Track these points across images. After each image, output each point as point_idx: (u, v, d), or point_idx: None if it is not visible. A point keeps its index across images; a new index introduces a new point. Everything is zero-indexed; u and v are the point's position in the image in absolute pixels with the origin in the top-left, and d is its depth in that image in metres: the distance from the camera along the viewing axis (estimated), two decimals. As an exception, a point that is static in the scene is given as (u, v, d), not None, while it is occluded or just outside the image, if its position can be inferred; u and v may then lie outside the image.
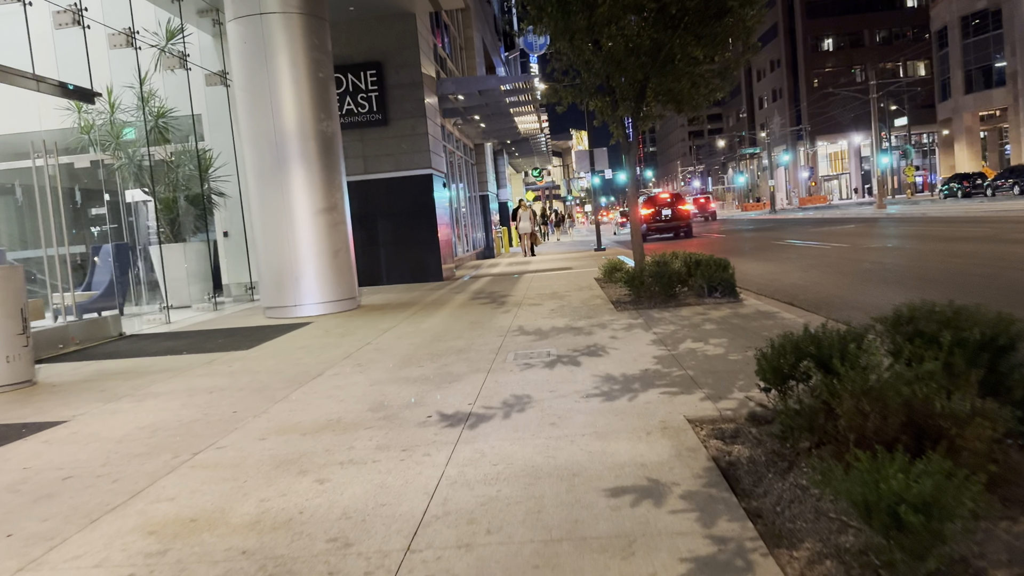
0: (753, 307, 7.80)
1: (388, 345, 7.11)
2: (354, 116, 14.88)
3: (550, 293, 10.85)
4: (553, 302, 9.65)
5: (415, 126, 14.97)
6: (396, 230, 15.16)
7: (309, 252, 10.24)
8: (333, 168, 10.49)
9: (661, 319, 7.39)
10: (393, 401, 4.76)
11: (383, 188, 15.11)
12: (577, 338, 6.64)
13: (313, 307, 10.26)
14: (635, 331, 6.79)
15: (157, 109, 13.07)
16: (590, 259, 18.72)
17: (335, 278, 10.42)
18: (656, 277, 8.38)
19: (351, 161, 15.09)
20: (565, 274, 14.40)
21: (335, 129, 10.62)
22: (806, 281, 10.88)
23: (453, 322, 8.43)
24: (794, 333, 3.36)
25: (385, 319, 9.23)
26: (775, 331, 6.19)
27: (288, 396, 5.17)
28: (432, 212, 15.13)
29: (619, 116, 10.05)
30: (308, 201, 10.23)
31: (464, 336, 7.31)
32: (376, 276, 15.19)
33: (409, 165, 15.04)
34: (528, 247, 23.96)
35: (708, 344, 5.88)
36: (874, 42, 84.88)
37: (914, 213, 31.47)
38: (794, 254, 16.01)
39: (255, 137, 10.22)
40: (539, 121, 24.93)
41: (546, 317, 8.22)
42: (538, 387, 4.83)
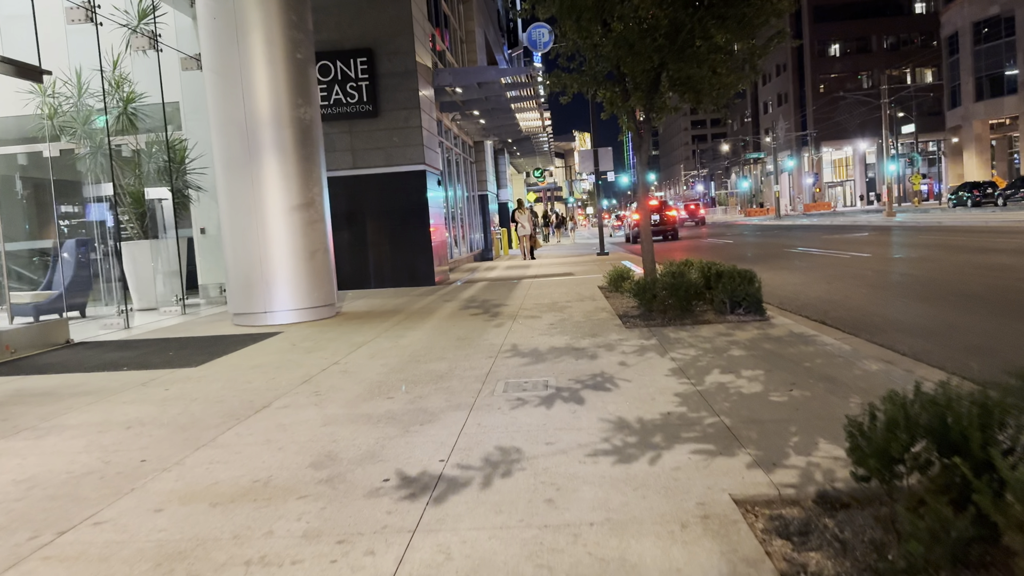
0: (784, 327, 6.74)
1: (358, 366, 6.05)
2: (342, 106, 13.83)
3: (549, 303, 9.80)
4: (552, 315, 8.60)
5: (408, 118, 13.93)
6: (386, 230, 14.12)
7: (282, 253, 9.19)
8: (311, 160, 9.44)
9: (678, 340, 6.34)
10: (345, 451, 3.71)
11: (373, 184, 14.07)
12: (579, 363, 5.59)
13: (285, 315, 9.21)
14: (649, 356, 5.74)
15: (126, 94, 12.02)
16: (593, 264, 17.67)
17: (311, 283, 9.37)
18: (671, 290, 7.33)
19: (339, 155, 14.05)
20: (566, 281, 13.35)
21: (314, 116, 9.57)
22: (833, 295, 9.83)
23: (438, 337, 7.38)
24: (901, 394, 2.30)
25: (362, 331, 8.18)
26: (818, 360, 5.17)
27: (217, 438, 4.11)
28: (425, 211, 14.08)
29: (630, 107, 9.00)
30: (282, 196, 9.18)
31: (448, 356, 6.26)
32: (363, 279, 14.14)
33: (401, 160, 13.99)
34: (527, 250, 22.92)
35: (741, 378, 4.83)
36: (881, 48, 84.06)
37: (928, 222, 30.42)
38: (811, 263, 14.96)
39: (224, 124, 9.18)
40: (541, 118, 23.88)
41: (544, 334, 7.17)
42: (531, 436, 3.78)
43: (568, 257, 22.30)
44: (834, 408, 3.95)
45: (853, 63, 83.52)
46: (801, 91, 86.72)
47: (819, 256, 16.70)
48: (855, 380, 4.61)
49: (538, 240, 23.37)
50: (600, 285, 11.76)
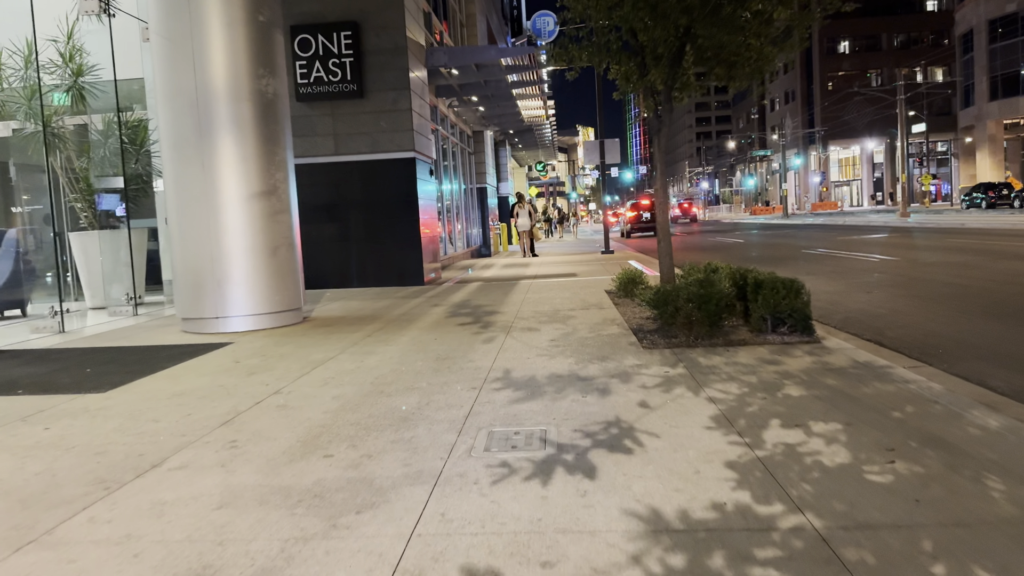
0: (841, 352, 5.41)
1: (303, 398, 4.72)
2: (324, 86, 12.48)
3: (550, 311, 8.46)
4: (553, 327, 7.27)
5: (397, 100, 12.58)
6: (371, 224, 12.79)
7: (238, 249, 7.86)
8: (274, 140, 8.10)
9: (712, 370, 5.00)
10: (230, 566, 2.38)
11: (357, 173, 12.72)
12: (588, 402, 4.26)
13: (241, 321, 7.88)
14: (679, 393, 4.40)
15: (76, 67, 10.68)
16: (597, 264, 16.33)
17: (272, 283, 8.03)
18: (699, 302, 5.98)
19: (319, 140, 12.71)
20: (569, 283, 12.01)
21: (278, 89, 8.22)
22: (878, 306, 8.49)
23: (414, 355, 6.05)
24: None
25: (327, 344, 6.85)
26: (908, 407, 3.79)
27: (57, 528, 2.79)
28: (414, 203, 12.74)
29: (649, 84, 7.66)
30: (238, 182, 7.84)
31: (421, 385, 4.93)
32: (345, 278, 12.82)
33: (389, 146, 12.65)
34: (527, 246, 21.58)
35: (812, 435, 3.50)
36: (892, 46, 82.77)
37: (948, 223, 29.03)
38: (837, 267, 13.61)
39: (171, 96, 7.83)
40: (544, 107, 22.51)
41: (543, 354, 5.84)
42: (519, 545, 2.46)
43: (571, 255, 20.96)
44: (973, 504, 2.63)
45: (862, 61, 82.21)
46: (809, 89, 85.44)
47: (843, 259, 15.35)
48: (975, 445, 3.28)
49: (539, 234, 21.99)
50: (608, 289, 10.43)
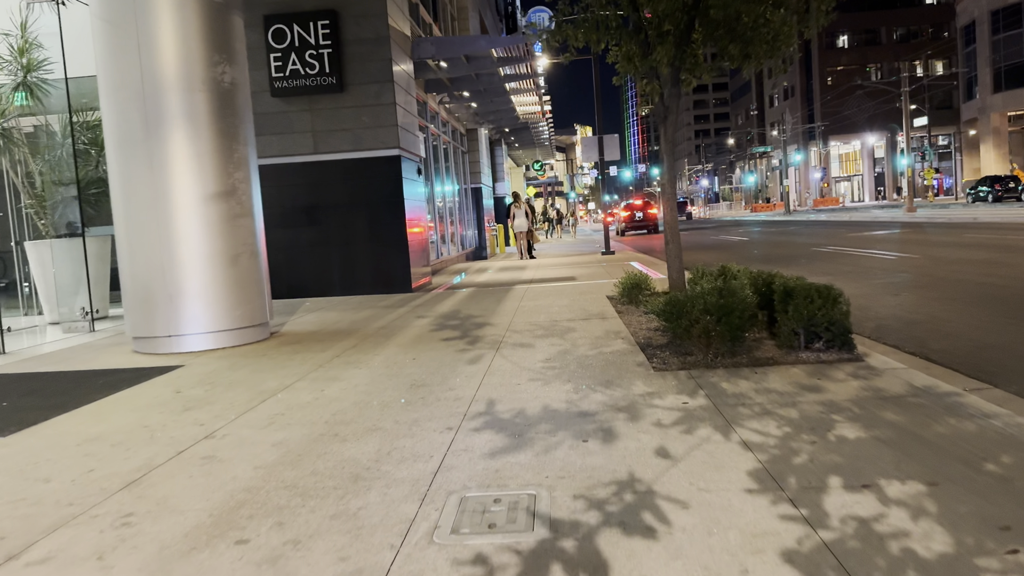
0: (892, 373, 4.52)
1: (237, 445, 3.83)
2: (300, 79, 11.59)
3: (547, 323, 7.57)
4: (549, 342, 6.37)
5: (380, 94, 11.68)
6: (354, 226, 11.89)
7: (193, 258, 6.96)
8: (233, 135, 7.21)
9: (741, 399, 4.11)
10: None
11: (338, 172, 11.83)
12: (590, 449, 3.37)
13: (197, 340, 6.98)
14: (705, 436, 3.51)
15: (26, 61, 9.80)
16: (597, 266, 15.43)
17: (233, 296, 7.14)
18: (719, 313, 5.08)
19: (296, 137, 11.82)
20: (567, 289, 11.12)
21: (238, 79, 7.34)
22: (912, 311, 7.60)
23: (385, 382, 5.15)
24: None
25: (288, 367, 5.95)
26: (1004, 456, 2.96)
27: None
28: (400, 205, 11.84)
29: (652, 65, 6.77)
30: (192, 182, 6.95)
31: (385, 425, 4.03)
32: (327, 285, 11.92)
33: (372, 144, 11.76)
34: (524, 248, 20.68)
35: (890, 502, 2.60)
36: (891, 40, 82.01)
37: (958, 217, 28.13)
38: (854, 266, 12.72)
39: (115, 88, 6.94)
40: (540, 103, 21.63)
41: (535, 378, 4.94)
42: None
43: (569, 257, 20.06)
44: None
45: (861, 55, 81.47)
46: (808, 84, 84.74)
47: (858, 257, 14.45)
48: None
49: (537, 236, 21.09)
50: (610, 295, 9.53)
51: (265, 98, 11.75)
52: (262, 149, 11.82)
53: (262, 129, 11.82)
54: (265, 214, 12.10)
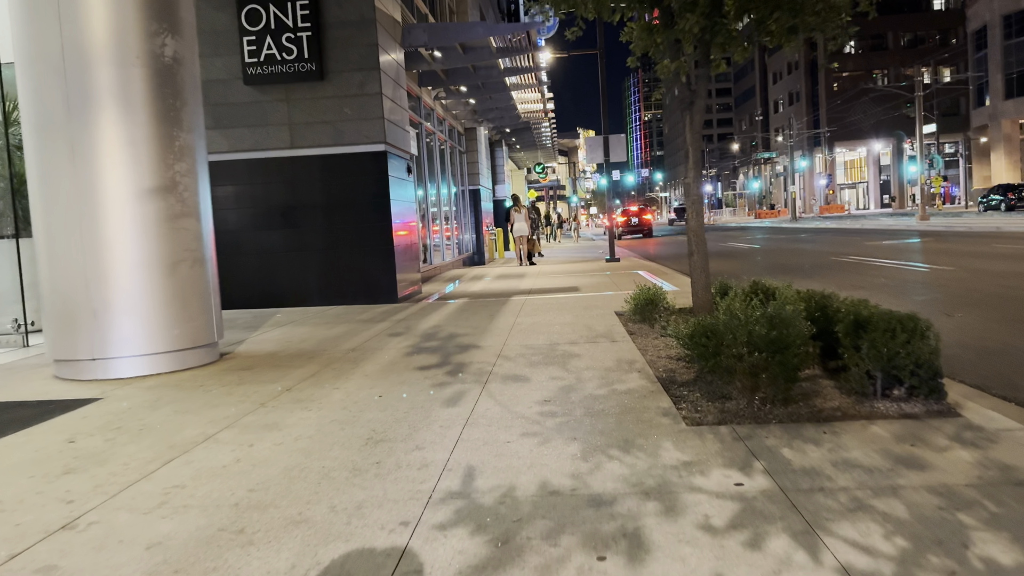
0: (1011, 436, 3.35)
1: (96, 548, 2.65)
2: (276, 65, 10.44)
3: (545, 346, 6.39)
4: (549, 374, 5.20)
5: (364, 83, 10.53)
6: (335, 229, 10.73)
7: (123, 266, 5.81)
8: (175, 120, 6.05)
9: (814, 477, 2.93)
10: None
11: (317, 169, 10.68)
12: (608, 574, 2.21)
13: (128, 364, 5.82)
14: (779, 552, 2.33)
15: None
16: (602, 275, 14.26)
17: (172, 313, 5.97)
18: (771, 348, 3.91)
19: (272, 130, 10.67)
20: (570, 302, 9.95)
21: (182, 53, 6.17)
22: (976, 336, 6.43)
23: (335, 434, 3.97)
24: None
25: (223, 405, 4.78)
26: None
27: None
28: (386, 206, 10.68)
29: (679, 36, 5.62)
30: (124, 175, 5.79)
31: (315, 514, 2.86)
32: (303, 294, 10.76)
33: (355, 138, 10.60)
34: (524, 254, 19.51)
35: None
36: (898, 46, 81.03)
37: (977, 227, 26.94)
38: (886, 279, 11.55)
39: (31, 60, 5.79)
40: (543, 101, 20.48)
41: (531, 432, 3.77)
42: None
43: (571, 263, 18.89)
44: None
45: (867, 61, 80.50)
46: (813, 90, 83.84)
47: (886, 268, 13.29)
48: None
49: (537, 244, 19.93)
50: (618, 310, 8.37)
51: (237, 86, 10.61)
52: (234, 142, 10.68)
53: (235, 121, 10.69)
54: (237, 215, 11.03)
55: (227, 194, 10.79)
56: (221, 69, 10.63)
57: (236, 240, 10.80)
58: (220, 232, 10.83)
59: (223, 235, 10.84)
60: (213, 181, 10.91)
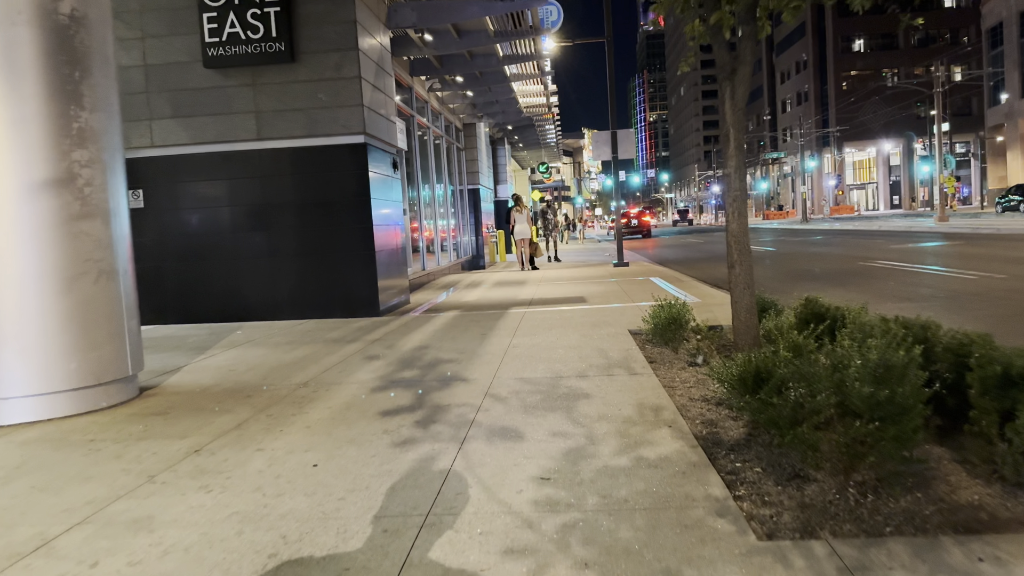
0: None
1: None
2: (241, 45, 9.15)
3: (547, 380, 5.08)
4: (550, 426, 3.89)
5: (341, 65, 9.25)
6: (308, 233, 9.45)
7: (5, 281, 4.52)
8: (75, 97, 4.76)
9: None
10: None
11: (288, 163, 9.40)
12: None
13: (12, 407, 4.53)
14: None
15: None
16: (611, 282, 12.94)
17: (70, 339, 4.68)
18: (872, 411, 2.60)
19: (237, 119, 9.39)
20: (577, 315, 8.63)
21: (89, 13, 4.87)
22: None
23: (225, 542, 2.68)
24: None
25: (101, 478, 3.48)
26: None
27: None
28: (366, 205, 9.39)
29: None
30: (6, 163, 4.51)
31: None
32: (273, 306, 9.47)
33: (330, 127, 9.32)
34: (527, 258, 18.21)
35: None
36: (909, 44, 79.72)
37: (1007, 228, 25.53)
38: (932, 288, 10.22)
39: None
40: (546, 95, 19.18)
41: (519, 538, 2.46)
42: None
43: (577, 268, 17.58)
44: None
45: (877, 60, 79.26)
46: (823, 89, 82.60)
47: (925, 275, 11.95)
48: None
49: (539, 248, 18.63)
50: (633, 328, 7.06)
51: (197, 70, 9.33)
52: (194, 134, 9.41)
53: (194, 109, 9.41)
54: (198, 217, 9.68)
55: (186, 193, 9.51)
56: (179, 50, 9.36)
57: (197, 245, 9.53)
58: (179, 236, 9.56)
59: (182, 240, 9.57)
60: (170, 177, 9.65)
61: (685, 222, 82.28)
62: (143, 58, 9.42)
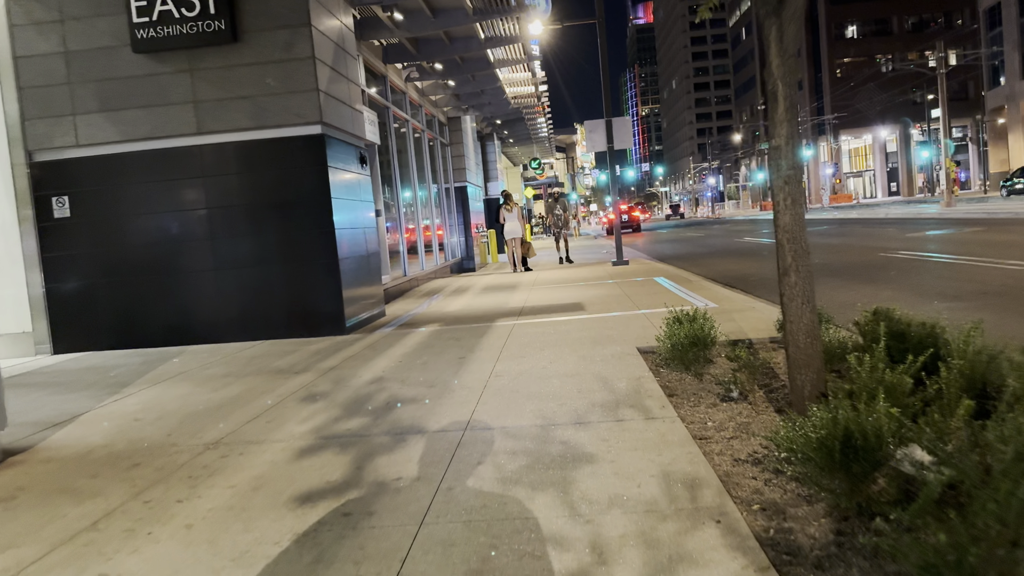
0: None
1: None
2: (175, 25, 7.86)
3: (535, 431, 3.80)
4: (535, 525, 2.62)
5: (291, 44, 7.96)
6: (261, 239, 8.17)
7: None
8: None
9: None
10: None
11: (234, 160, 8.11)
12: None
13: None
14: None
15: None
16: (612, 284, 11.67)
17: None
18: None
19: (174, 111, 8.10)
20: (574, 328, 7.36)
21: None
22: None
23: None
24: None
25: None
26: None
27: None
28: (326, 206, 8.11)
29: None
30: None
31: None
32: (221, 326, 8.18)
33: (281, 117, 8.03)
34: (518, 258, 16.94)
35: None
36: (902, 30, 78.72)
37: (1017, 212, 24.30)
38: (982, 284, 8.98)
39: None
40: (534, 82, 17.89)
41: None
42: None
43: (573, 268, 16.31)
44: None
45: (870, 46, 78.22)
46: (817, 77, 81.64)
47: (963, 267, 10.70)
48: None
49: (532, 248, 17.36)
50: (642, 346, 5.80)
51: (126, 55, 8.04)
52: (125, 129, 8.12)
53: (124, 101, 8.12)
54: (134, 225, 8.14)
55: (119, 198, 8.22)
56: (104, 34, 8.06)
57: (134, 258, 8.24)
58: (113, 249, 8.21)
59: (116, 252, 8.28)
60: (100, 181, 8.21)
61: (677, 216, 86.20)
62: (63, 44, 8.12)
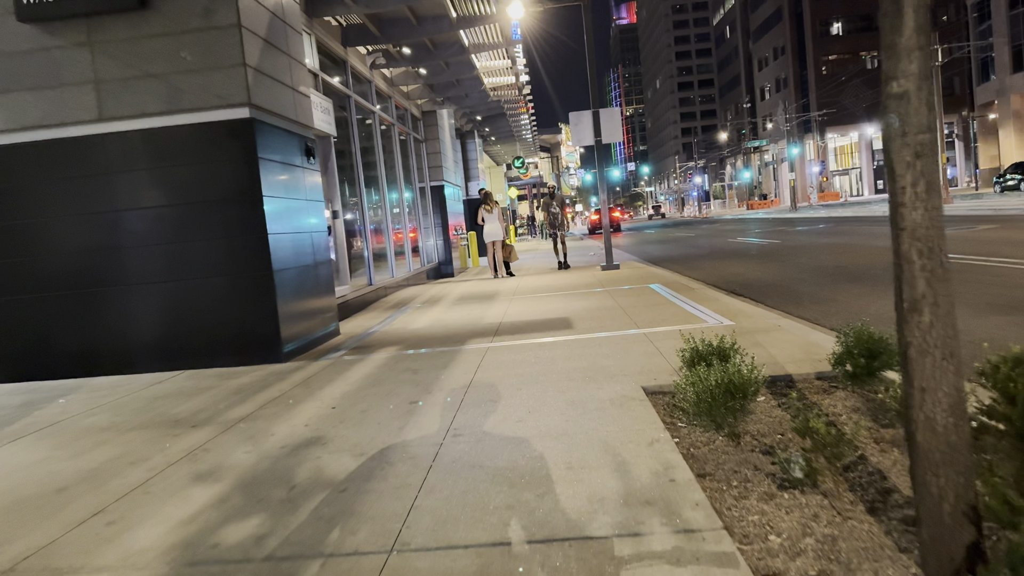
0: None
1: None
2: (65, -15, 6.40)
3: (499, 551, 2.39)
4: None
5: (211, 9, 6.51)
6: (180, 249, 6.71)
7: None
8: None
9: None
10: None
11: (143, 152, 6.65)
12: None
13: None
14: None
15: None
16: (603, 293, 10.26)
17: None
18: None
19: (69, 92, 6.62)
20: (560, 355, 5.93)
21: None
22: None
23: None
24: None
25: None
26: None
27: None
28: (257, 207, 6.66)
29: None
30: None
31: None
32: (131, 353, 6.72)
33: (200, 99, 6.57)
34: (499, 263, 15.52)
35: None
36: (887, 26, 77.94)
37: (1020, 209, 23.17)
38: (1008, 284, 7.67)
39: None
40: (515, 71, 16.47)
41: None
42: None
43: (559, 274, 14.90)
44: None
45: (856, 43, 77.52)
46: (802, 74, 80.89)
47: (994, 269, 9.40)
48: None
49: (514, 252, 15.92)
50: (648, 385, 4.40)
51: (9, 25, 6.57)
52: (11, 116, 6.63)
53: (9, 82, 6.64)
54: (24, 233, 6.54)
55: (6, 201, 6.73)
56: (-18, -3, 6.58)
57: (28, 274, 6.76)
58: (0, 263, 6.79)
59: (5, 268, 6.80)
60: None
61: (659, 216, 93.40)
62: (-67, 11, 6.63)
